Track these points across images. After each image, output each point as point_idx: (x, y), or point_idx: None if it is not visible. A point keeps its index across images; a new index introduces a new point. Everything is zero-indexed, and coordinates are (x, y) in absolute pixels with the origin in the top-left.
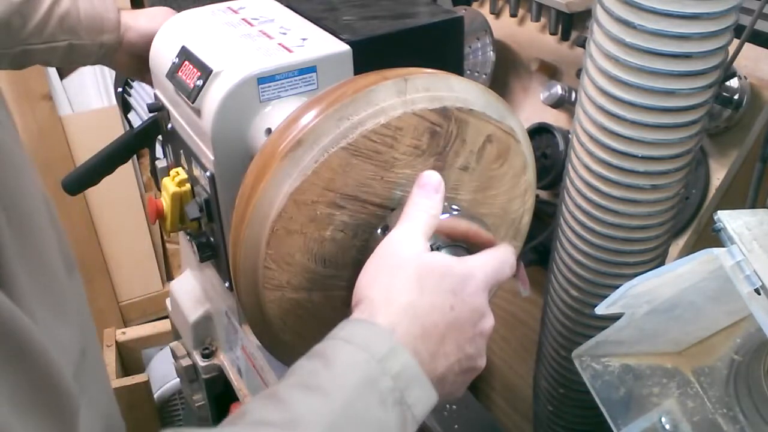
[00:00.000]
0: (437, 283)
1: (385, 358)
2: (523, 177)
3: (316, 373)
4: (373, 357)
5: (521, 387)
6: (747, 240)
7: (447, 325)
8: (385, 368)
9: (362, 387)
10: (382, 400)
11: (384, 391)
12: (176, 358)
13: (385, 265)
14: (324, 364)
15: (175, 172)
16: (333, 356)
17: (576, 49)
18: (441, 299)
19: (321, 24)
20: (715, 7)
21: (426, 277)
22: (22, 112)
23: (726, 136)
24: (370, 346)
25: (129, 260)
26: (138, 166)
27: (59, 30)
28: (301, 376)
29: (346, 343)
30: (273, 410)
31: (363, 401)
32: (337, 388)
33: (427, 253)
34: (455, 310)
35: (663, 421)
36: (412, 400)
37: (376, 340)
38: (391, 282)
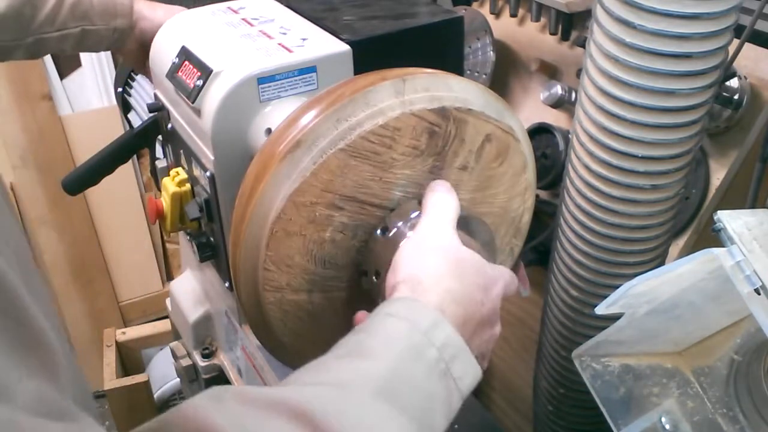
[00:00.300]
0: (474, 276)
1: (430, 330)
2: (523, 176)
3: (361, 342)
4: (416, 327)
5: (521, 387)
6: (747, 240)
7: (478, 318)
8: (430, 339)
9: (408, 355)
10: (428, 371)
11: (430, 360)
12: (176, 358)
13: (426, 248)
14: (368, 334)
15: (175, 172)
16: (376, 328)
17: (576, 49)
18: (475, 292)
19: (321, 24)
20: (715, 7)
21: (465, 268)
22: (22, 112)
23: (726, 136)
24: (413, 318)
25: (129, 260)
26: (138, 166)
27: (71, 17)
28: (346, 347)
29: (389, 315)
30: (322, 373)
31: (409, 368)
32: (383, 353)
33: (462, 246)
34: (484, 307)
35: (663, 421)
36: (458, 373)
37: (419, 314)
38: (433, 265)
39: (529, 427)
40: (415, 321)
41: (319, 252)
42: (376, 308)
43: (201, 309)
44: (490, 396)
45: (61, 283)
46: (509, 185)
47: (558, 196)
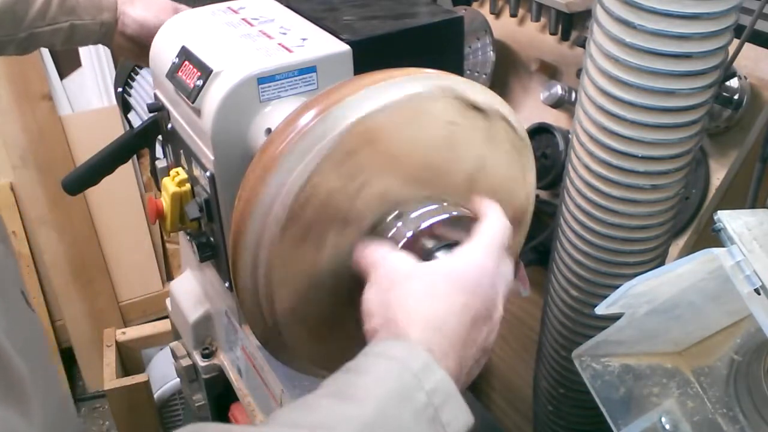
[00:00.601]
0: (446, 286)
1: (421, 373)
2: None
3: (348, 383)
4: (408, 369)
5: (521, 387)
6: (747, 240)
7: (466, 327)
8: (420, 383)
9: (396, 397)
10: (416, 415)
11: (419, 405)
12: (176, 358)
13: (390, 285)
14: (356, 375)
15: (175, 172)
16: (366, 368)
17: (576, 49)
18: (453, 301)
19: (321, 24)
20: (715, 7)
21: (433, 284)
22: (22, 112)
23: (726, 136)
24: (404, 360)
25: (129, 260)
26: (138, 166)
27: (60, 11)
28: (333, 386)
29: (380, 356)
30: (303, 414)
31: (396, 412)
32: (370, 396)
33: (423, 263)
34: (469, 307)
35: (663, 421)
36: (446, 419)
37: (411, 355)
38: (403, 299)
39: (529, 427)
40: (406, 363)
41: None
42: (366, 347)
43: (201, 309)
44: (490, 396)
45: (61, 283)
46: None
47: (558, 196)
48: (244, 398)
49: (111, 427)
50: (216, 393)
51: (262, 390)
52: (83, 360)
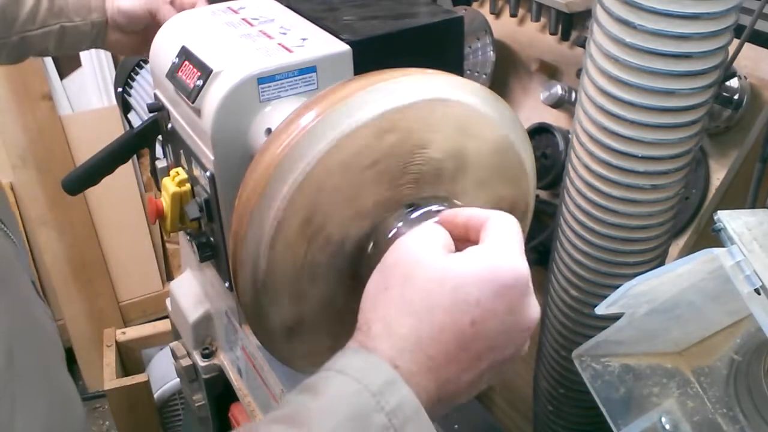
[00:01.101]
0: (451, 297)
1: (381, 392)
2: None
3: (303, 406)
4: (366, 389)
5: (521, 387)
6: (747, 240)
7: (465, 343)
8: (380, 403)
9: (351, 421)
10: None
11: (377, 427)
12: (176, 358)
13: (389, 281)
14: (312, 396)
15: (175, 172)
16: (323, 388)
17: (576, 49)
18: (455, 317)
19: (321, 24)
20: (715, 7)
21: (435, 292)
22: (22, 112)
23: (726, 136)
24: (364, 378)
25: (129, 260)
26: (138, 166)
27: (50, 14)
28: (287, 409)
29: (338, 373)
30: None
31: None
32: (323, 421)
33: (441, 259)
34: (476, 325)
35: (663, 421)
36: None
37: (371, 372)
38: (392, 303)
39: (529, 427)
40: (365, 381)
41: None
42: (330, 360)
43: (201, 309)
44: (490, 396)
45: (61, 283)
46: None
47: (558, 196)
48: (244, 398)
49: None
50: (216, 393)
51: (262, 390)
52: (83, 360)
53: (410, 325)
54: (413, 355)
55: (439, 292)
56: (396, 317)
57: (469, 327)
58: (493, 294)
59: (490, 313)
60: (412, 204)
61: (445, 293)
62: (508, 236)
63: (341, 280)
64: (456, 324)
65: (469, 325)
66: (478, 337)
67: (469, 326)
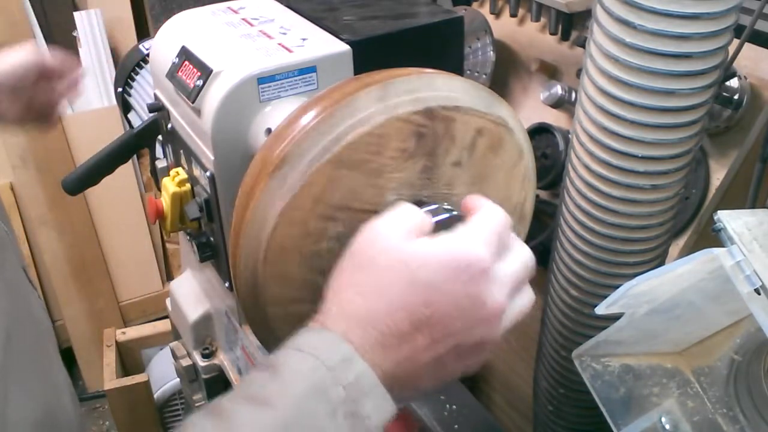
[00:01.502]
0: (406, 278)
1: (338, 367)
2: (521, 163)
3: (262, 384)
4: (323, 364)
5: (521, 387)
6: (747, 240)
7: (419, 324)
8: (337, 377)
9: (310, 396)
10: (332, 411)
11: (335, 401)
12: (176, 358)
13: (352, 262)
14: (272, 373)
15: (175, 172)
16: (282, 365)
17: (576, 49)
18: (409, 298)
19: (321, 24)
20: (715, 7)
21: (392, 272)
22: None
23: (726, 136)
24: (321, 354)
25: (129, 260)
26: (138, 166)
27: None
28: (247, 387)
29: (297, 351)
30: (213, 424)
31: (309, 411)
32: (283, 397)
33: (402, 242)
34: (430, 307)
35: (663, 421)
36: (367, 412)
37: (328, 348)
38: (351, 284)
39: (529, 427)
40: (322, 357)
41: (318, 263)
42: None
43: (201, 309)
44: (490, 396)
45: (61, 283)
46: (507, 175)
47: (558, 196)
48: None
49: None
50: (216, 393)
51: None
52: (83, 360)
53: (363, 305)
54: (365, 332)
55: (395, 274)
56: (352, 297)
57: (422, 308)
58: (446, 277)
59: (444, 295)
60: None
61: (401, 275)
62: (483, 226)
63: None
64: (409, 304)
65: (423, 305)
66: (432, 320)
67: (423, 307)
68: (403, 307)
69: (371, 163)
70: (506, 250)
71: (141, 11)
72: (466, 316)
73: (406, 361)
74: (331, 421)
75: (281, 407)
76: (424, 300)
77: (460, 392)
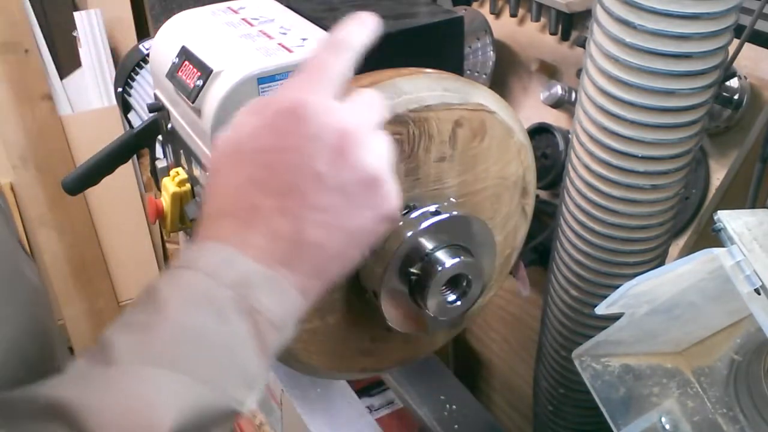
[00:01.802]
0: (232, 147)
1: (218, 271)
2: (511, 140)
3: (142, 308)
4: (200, 270)
5: (521, 387)
6: (747, 240)
7: (261, 184)
8: (220, 280)
9: (194, 306)
10: (218, 314)
11: (220, 303)
12: None
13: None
14: (147, 295)
15: (175, 172)
16: (157, 286)
17: (576, 49)
18: (237, 168)
19: (321, 24)
20: (715, 7)
21: (222, 158)
22: (22, 112)
23: (726, 136)
24: (197, 263)
25: (129, 260)
26: (138, 166)
27: None
28: (127, 317)
29: (179, 268)
30: (96, 359)
31: (197, 321)
32: (169, 313)
33: (225, 135)
34: (265, 160)
35: (663, 421)
36: (265, 305)
37: (206, 255)
38: (206, 202)
39: (529, 427)
40: (199, 265)
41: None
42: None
43: None
44: (490, 396)
45: (61, 283)
46: (499, 154)
47: (558, 196)
48: None
49: None
50: None
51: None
52: None
53: (208, 197)
54: (218, 221)
55: (224, 159)
56: (205, 202)
57: (259, 169)
58: (261, 130)
59: (272, 149)
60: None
61: (229, 157)
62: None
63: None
64: (240, 171)
65: (261, 166)
66: (273, 176)
67: (261, 168)
68: (235, 179)
69: None
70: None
71: (141, 11)
72: (299, 164)
73: (278, 232)
74: (222, 324)
75: (166, 324)
76: (251, 159)
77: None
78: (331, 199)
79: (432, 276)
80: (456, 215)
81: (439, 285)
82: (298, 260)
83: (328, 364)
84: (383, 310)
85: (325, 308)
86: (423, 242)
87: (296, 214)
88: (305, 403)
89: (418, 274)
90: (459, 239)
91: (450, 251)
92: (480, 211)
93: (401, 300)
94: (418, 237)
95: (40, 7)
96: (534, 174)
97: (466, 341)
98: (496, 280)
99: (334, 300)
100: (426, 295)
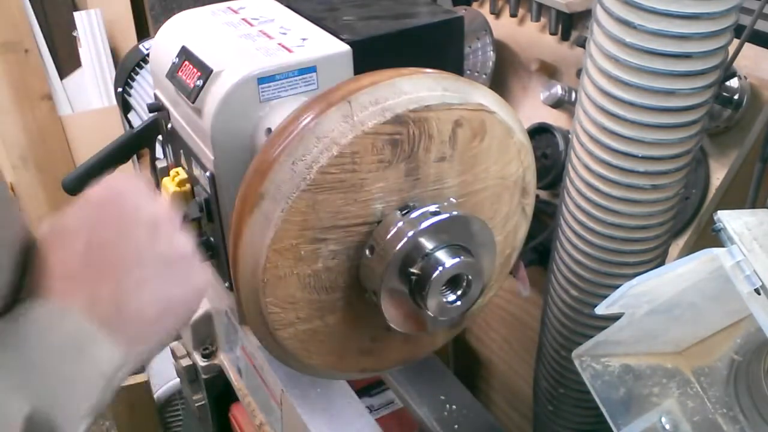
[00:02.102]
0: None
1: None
2: (511, 140)
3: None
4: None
5: (521, 387)
6: (747, 240)
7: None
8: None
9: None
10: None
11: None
12: (176, 358)
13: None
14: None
15: (175, 172)
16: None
17: (576, 49)
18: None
19: (321, 24)
20: (715, 7)
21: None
22: (22, 112)
23: (726, 136)
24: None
25: None
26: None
27: None
28: None
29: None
30: None
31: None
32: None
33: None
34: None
35: (663, 421)
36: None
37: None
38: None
39: (529, 427)
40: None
41: (317, 282)
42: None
43: (201, 309)
44: (490, 396)
45: None
46: (499, 154)
47: (558, 196)
48: (244, 398)
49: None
50: (216, 393)
51: (262, 390)
52: None
53: (42, 269)
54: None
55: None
56: (39, 273)
57: (84, 246)
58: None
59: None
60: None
61: (57, 229)
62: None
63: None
64: (65, 248)
65: (85, 244)
66: (96, 251)
67: (86, 246)
68: (62, 254)
69: (349, 180)
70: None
71: (141, 11)
72: (124, 231)
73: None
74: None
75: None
76: (80, 241)
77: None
78: (149, 272)
79: (432, 276)
80: (456, 215)
81: (439, 285)
82: (120, 324)
83: (328, 364)
84: (383, 309)
85: (325, 308)
86: (423, 242)
87: (117, 284)
88: (305, 403)
89: (418, 274)
90: (459, 239)
91: (450, 251)
92: (480, 211)
93: (401, 300)
94: (418, 237)
95: (40, 7)
96: (534, 174)
97: (466, 341)
98: (496, 280)
99: (334, 300)
100: (426, 295)
